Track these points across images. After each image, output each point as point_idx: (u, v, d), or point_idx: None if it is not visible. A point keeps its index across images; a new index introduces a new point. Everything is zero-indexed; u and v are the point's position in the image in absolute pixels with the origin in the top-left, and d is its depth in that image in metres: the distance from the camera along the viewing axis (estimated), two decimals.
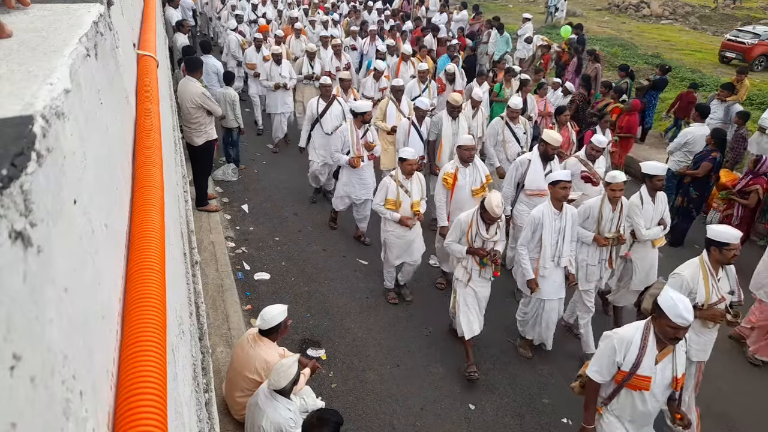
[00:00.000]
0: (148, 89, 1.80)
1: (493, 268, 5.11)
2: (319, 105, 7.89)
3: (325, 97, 7.91)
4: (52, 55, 0.78)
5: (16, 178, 0.48)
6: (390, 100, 8.17)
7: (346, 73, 8.99)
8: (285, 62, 9.73)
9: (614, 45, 19.42)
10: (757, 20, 24.32)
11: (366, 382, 5.13)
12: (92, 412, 0.62)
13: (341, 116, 7.81)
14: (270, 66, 9.70)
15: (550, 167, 6.14)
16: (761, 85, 15.54)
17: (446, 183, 6.01)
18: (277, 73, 9.65)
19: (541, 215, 5.08)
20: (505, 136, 7.56)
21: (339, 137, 6.94)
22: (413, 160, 5.79)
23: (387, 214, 5.86)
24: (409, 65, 10.64)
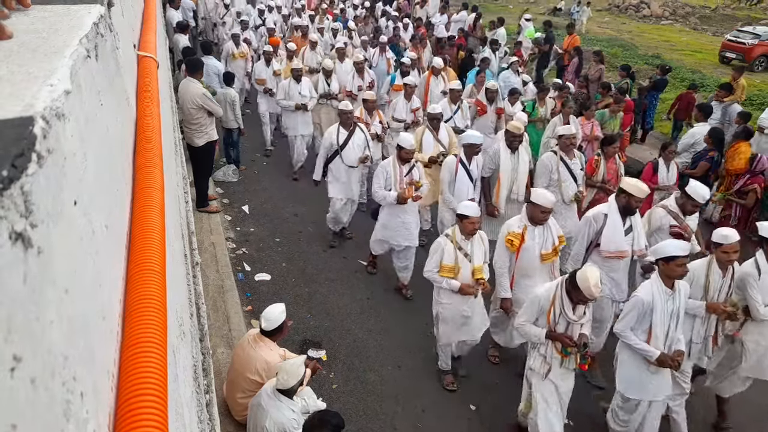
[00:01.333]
0: (149, 90, 1.80)
1: (579, 359, 4.16)
2: (340, 134, 6.87)
3: (346, 124, 6.90)
4: (52, 57, 0.79)
5: (16, 179, 0.48)
6: (426, 128, 7.17)
7: (371, 94, 8.01)
8: (305, 80, 8.79)
9: (614, 45, 19.43)
10: (757, 21, 24.32)
11: (367, 383, 5.13)
12: (93, 413, 0.62)
13: (364, 146, 6.93)
14: (289, 84, 8.73)
15: (630, 223, 5.01)
16: (761, 86, 15.54)
17: (510, 245, 4.87)
18: (297, 92, 8.66)
19: (651, 298, 4.08)
20: (561, 174, 6.28)
21: (381, 174, 6.01)
22: (475, 218, 4.72)
23: (443, 282, 4.82)
24: (439, 81, 9.54)
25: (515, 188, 6.43)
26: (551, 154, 6.40)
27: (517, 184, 6.42)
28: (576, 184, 6.30)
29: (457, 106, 8.11)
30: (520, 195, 6.39)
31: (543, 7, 28.24)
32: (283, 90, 8.76)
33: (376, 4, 17.67)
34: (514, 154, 6.38)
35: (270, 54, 9.73)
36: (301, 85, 8.71)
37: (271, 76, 9.61)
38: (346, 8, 17.90)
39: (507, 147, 6.36)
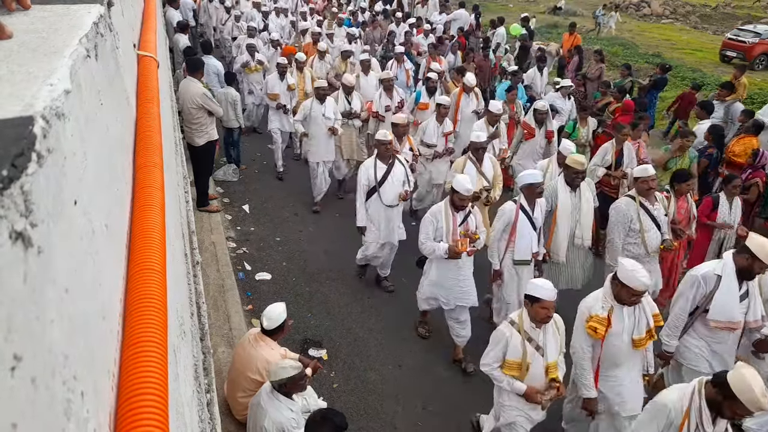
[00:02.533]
0: (149, 90, 1.80)
1: None
2: (377, 169, 5.94)
3: (384, 157, 5.94)
4: (52, 56, 0.79)
5: (16, 178, 0.48)
6: (468, 159, 6.33)
7: (402, 117, 6.92)
8: (330, 100, 7.70)
9: (615, 44, 19.42)
10: (757, 19, 24.29)
11: (367, 382, 5.13)
12: (93, 412, 0.63)
13: (404, 179, 6.02)
14: (311, 105, 7.63)
15: (747, 288, 4.22)
16: (762, 84, 15.53)
17: (594, 333, 3.90)
18: (320, 113, 7.59)
19: None
20: (643, 223, 5.26)
21: (429, 223, 5.10)
22: (550, 302, 3.77)
23: (504, 382, 3.94)
24: (471, 99, 8.52)
25: (578, 232, 5.60)
26: (629, 201, 5.35)
27: (580, 227, 5.59)
28: (660, 232, 5.35)
29: (495, 128, 7.31)
30: (585, 240, 5.63)
31: (543, 6, 28.22)
32: (303, 111, 7.71)
33: (376, 4, 17.55)
34: (575, 192, 5.55)
35: (284, 67, 8.88)
36: (325, 106, 7.62)
37: (284, 91, 8.85)
38: (357, 11, 16.85)
39: (566, 184, 5.53)
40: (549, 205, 5.51)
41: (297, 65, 9.41)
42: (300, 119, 7.74)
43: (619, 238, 5.35)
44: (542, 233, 5.39)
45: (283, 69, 8.90)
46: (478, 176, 6.21)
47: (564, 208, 5.52)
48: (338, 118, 7.78)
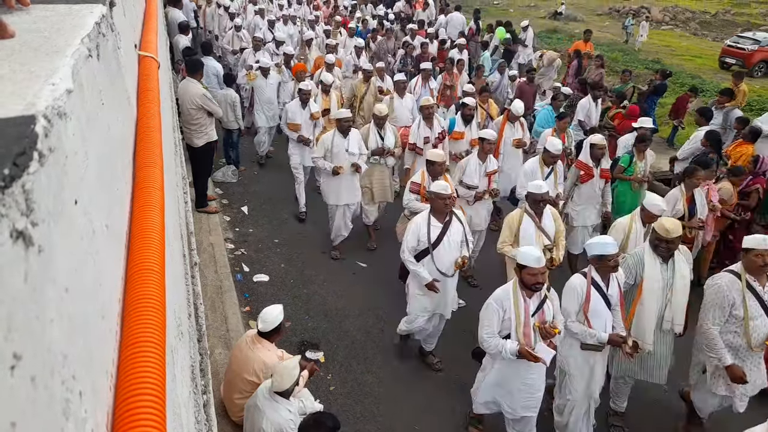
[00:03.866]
0: (150, 90, 1.80)
1: None
2: (431, 227, 4.84)
3: (440, 213, 4.88)
4: (54, 56, 0.79)
5: (18, 177, 0.48)
6: (525, 212, 5.24)
7: (440, 155, 5.78)
8: (354, 133, 6.67)
9: (615, 50, 19.48)
10: (757, 26, 24.39)
11: (364, 384, 5.12)
12: (91, 412, 0.62)
13: (463, 240, 4.96)
14: (332, 138, 6.57)
15: None
16: (761, 91, 15.58)
17: None
18: (343, 147, 6.53)
19: None
20: (750, 309, 4.20)
21: (494, 312, 4.03)
22: None
23: None
24: (516, 129, 7.42)
25: (668, 313, 4.49)
26: (732, 279, 4.30)
27: (671, 308, 4.49)
28: None
29: (550, 169, 6.17)
30: (676, 324, 4.53)
31: (544, 11, 28.31)
32: (323, 146, 6.59)
33: (378, 6, 17.53)
34: (667, 264, 4.48)
35: (307, 94, 7.62)
36: (348, 140, 6.55)
37: (307, 120, 7.65)
38: (367, 17, 15.64)
39: (652, 251, 4.50)
40: (632, 277, 4.54)
41: (323, 88, 8.31)
42: (320, 155, 6.62)
43: (715, 325, 4.29)
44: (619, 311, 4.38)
45: (305, 96, 7.60)
46: (538, 234, 5.17)
47: (652, 284, 4.46)
48: (363, 153, 6.70)
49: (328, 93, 8.43)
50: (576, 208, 6.63)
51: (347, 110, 6.94)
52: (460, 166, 6.38)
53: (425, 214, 4.94)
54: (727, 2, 33.56)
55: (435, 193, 4.83)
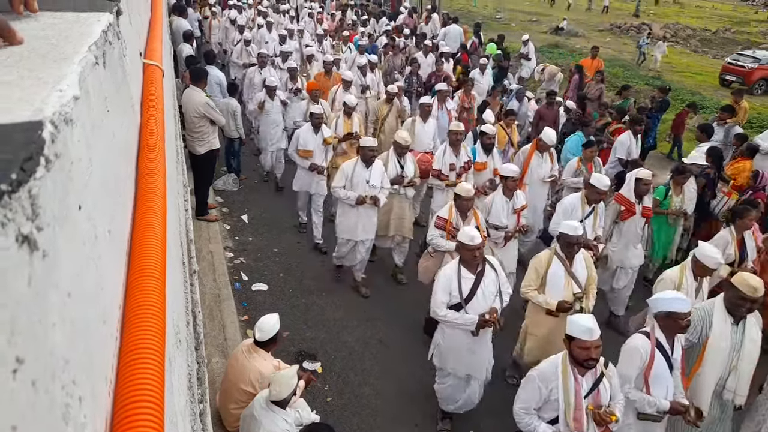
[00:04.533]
0: (154, 98, 1.81)
1: None
2: (462, 279, 4.32)
3: (471, 264, 4.34)
4: (62, 63, 0.79)
5: (24, 182, 0.48)
6: (555, 255, 4.71)
7: (468, 189, 5.31)
8: (378, 164, 6.09)
9: (615, 65, 19.61)
10: (757, 45, 24.57)
11: (361, 396, 5.09)
12: (90, 418, 0.62)
13: (498, 292, 4.40)
14: (353, 168, 6.01)
15: None
16: (761, 109, 15.66)
17: None
18: (364, 178, 5.98)
19: None
20: None
21: (535, 390, 3.53)
22: None
23: None
24: (545, 160, 6.97)
25: (731, 382, 3.95)
26: None
27: (735, 376, 3.93)
28: None
29: (592, 208, 5.62)
30: (738, 395, 3.97)
31: (545, 26, 28.52)
32: (344, 174, 6.06)
33: (381, 19, 17.63)
34: (737, 325, 3.95)
35: (319, 118, 7.05)
36: (371, 171, 6.00)
37: (320, 146, 7.09)
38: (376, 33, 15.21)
39: (724, 309, 3.98)
40: (697, 335, 4.03)
41: (345, 110, 7.73)
42: (340, 184, 6.03)
43: None
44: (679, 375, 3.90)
45: (318, 121, 7.03)
46: (568, 280, 4.65)
47: (718, 345, 3.93)
48: (385, 186, 6.12)
49: (350, 116, 7.78)
50: (614, 248, 6.04)
51: (373, 139, 6.32)
52: (485, 204, 5.85)
53: (454, 265, 4.41)
54: (727, 20, 33.88)
55: (463, 244, 4.31)
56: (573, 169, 7.12)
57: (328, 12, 19.13)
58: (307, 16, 16.43)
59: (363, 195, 5.95)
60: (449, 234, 5.23)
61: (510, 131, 8.31)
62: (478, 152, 6.97)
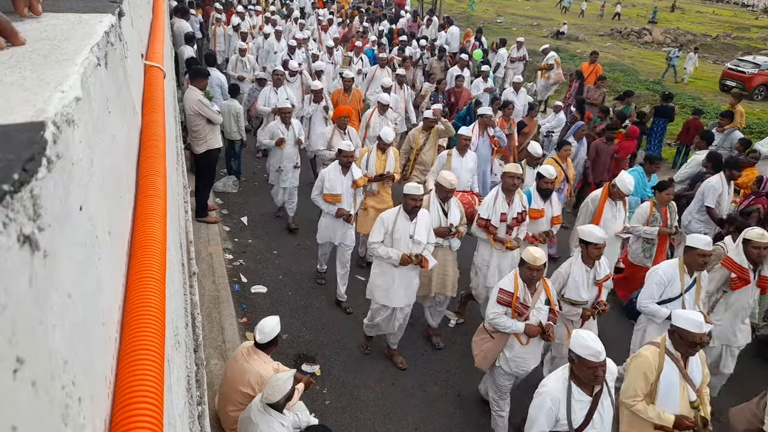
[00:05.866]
0: (155, 99, 1.81)
1: None
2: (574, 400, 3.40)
3: (587, 384, 3.41)
4: (64, 63, 0.80)
5: (26, 182, 0.49)
6: (666, 354, 3.75)
7: (538, 257, 4.25)
8: (423, 216, 5.03)
9: (616, 70, 19.64)
10: (757, 50, 24.62)
11: (360, 399, 5.08)
12: (90, 419, 0.62)
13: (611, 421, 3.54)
14: (395, 218, 4.99)
15: None
16: (761, 114, 15.68)
17: None
18: (407, 233, 4.95)
19: None
20: None
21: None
22: None
23: None
24: (619, 209, 5.96)
25: None
26: None
27: None
28: None
29: (694, 279, 4.70)
30: None
31: (546, 30, 28.58)
32: (383, 227, 4.99)
33: (382, 22, 17.59)
34: None
35: (350, 157, 5.90)
36: (416, 224, 4.96)
37: (349, 189, 5.98)
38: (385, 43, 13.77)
39: None
40: None
41: (380, 145, 6.43)
42: (378, 239, 4.99)
43: None
44: None
45: (348, 160, 5.90)
46: (683, 384, 3.77)
47: None
48: (431, 242, 5.13)
49: (385, 151, 6.49)
50: (719, 322, 4.98)
51: (419, 186, 5.00)
52: (560, 274, 4.79)
53: (562, 382, 3.43)
54: (727, 26, 33.94)
55: (583, 359, 3.29)
56: (645, 216, 6.08)
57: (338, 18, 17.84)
58: (315, 23, 15.53)
59: (408, 254, 4.91)
60: (516, 311, 4.32)
61: (566, 165, 7.27)
62: (534, 197, 5.86)
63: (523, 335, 4.32)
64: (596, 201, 6.01)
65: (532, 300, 4.33)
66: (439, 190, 5.33)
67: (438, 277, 5.51)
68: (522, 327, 4.27)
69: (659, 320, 4.56)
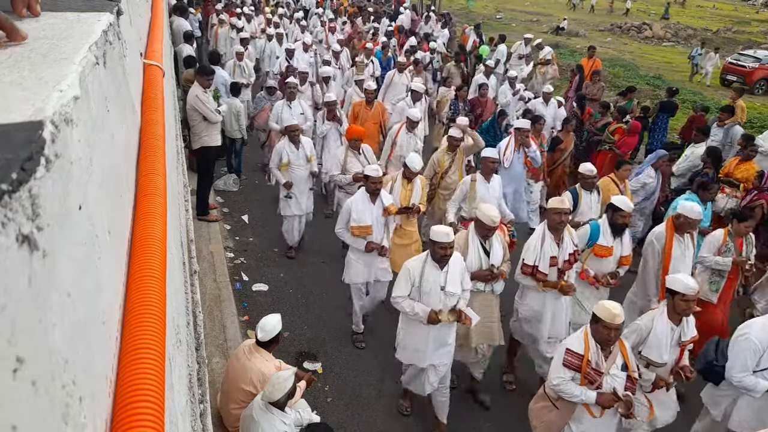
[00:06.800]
0: (154, 98, 1.81)
1: None
2: None
3: None
4: (62, 62, 0.79)
5: (25, 182, 0.48)
6: None
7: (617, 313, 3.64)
8: (456, 261, 4.30)
9: (616, 65, 19.63)
10: (758, 44, 24.56)
11: (362, 397, 5.09)
12: (90, 418, 0.62)
13: None
14: (423, 268, 4.26)
15: None
16: (762, 109, 15.65)
17: None
18: (438, 284, 4.21)
19: None
20: None
21: None
22: None
23: None
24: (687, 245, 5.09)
25: None
26: None
27: None
28: None
29: None
30: None
31: (546, 26, 28.53)
32: (408, 278, 4.29)
33: (382, 20, 17.45)
34: None
35: (379, 183, 5.20)
36: (447, 273, 4.22)
37: (379, 218, 5.28)
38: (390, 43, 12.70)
39: None
40: None
41: (406, 173, 5.64)
42: (404, 293, 4.30)
43: None
44: None
45: (376, 186, 5.20)
46: None
47: None
48: (466, 289, 4.38)
49: (411, 180, 5.71)
50: None
51: (449, 230, 4.21)
52: (639, 330, 4.11)
53: None
54: (728, 20, 33.86)
55: None
56: (717, 245, 5.45)
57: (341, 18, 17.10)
58: (319, 24, 14.83)
59: (437, 312, 4.19)
60: (587, 377, 3.69)
61: (623, 187, 6.38)
62: (604, 231, 4.97)
63: (595, 406, 3.71)
64: (662, 238, 5.07)
65: (606, 364, 3.69)
66: (479, 227, 4.61)
67: (482, 326, 4.64)
68: (593, 397, 3.65)
69: (758, 394, 3.86)
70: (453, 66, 11.98)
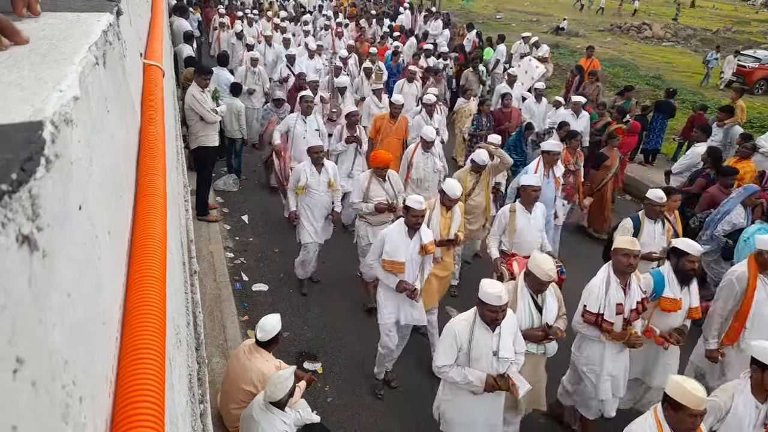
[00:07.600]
0: (154, 98, 1.81)
1: None
2: None
3: None
4: (62, 63, 0.79)
5: (25, 182, 0.48)
6: None
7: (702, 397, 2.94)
8: (510, 321, 3.74)
9: (616, 65, 19.62)
10: (757, 44, 24.56)
11: (362, 397, 5.09)
12: (90, 418, 0.62)
13: None
14: (471, 330, 3.68)
15: None
16: (761, 108, 15.65)
17: None
18: (491, 348, 3.67)
19: None
20: None
21: None
22: None
23: None
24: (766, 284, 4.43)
25: None
26: None
27: None
28: None
29: None
30: None
31: (546, 26, 28.53)
32: (454, 343, 3.72)
33: (384, 19, 17.40)
34: None
35: (420, 217, 4.59)
36: (500, 335, 3.68)
37: (415, 257, 4.66)
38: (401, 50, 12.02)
39: None
40: None
41: (443, 200, 5.07)
42: (449, 362, 3.73)
43: None
44: None
45: (417, 221, 4.55)
46: None
47: None
48: (520, 352, 3.86)
49: (450, 208, 5.13)
50: None
51: (501, 288, 3.56)
52: (716, 408, 3.45)
53: None
54: (728, 20, 33.87)
55: None
56: None
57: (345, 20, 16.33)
58: (324, 29, 14.25)
59: (494, 377, 3.67)
60: None
61: (674, 219, 5.60)
62: (670, 281, 4.32)
63: None
64: (743, 279, 4.35)
65: None
66: (531, 280, 4.00)
67: (532, 393, 4.08)
68: None
69: None
70: (470, 73, 11.39)
